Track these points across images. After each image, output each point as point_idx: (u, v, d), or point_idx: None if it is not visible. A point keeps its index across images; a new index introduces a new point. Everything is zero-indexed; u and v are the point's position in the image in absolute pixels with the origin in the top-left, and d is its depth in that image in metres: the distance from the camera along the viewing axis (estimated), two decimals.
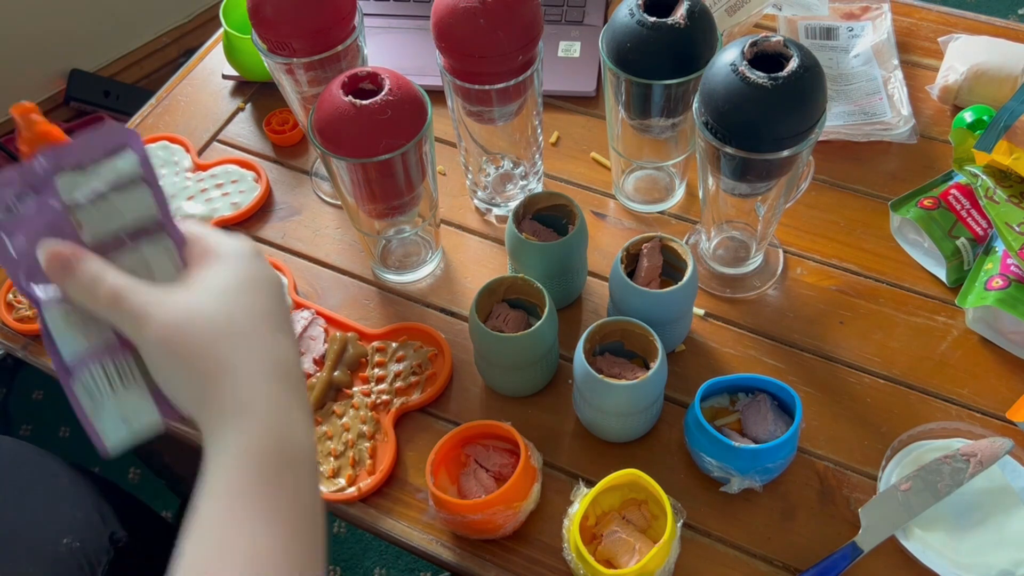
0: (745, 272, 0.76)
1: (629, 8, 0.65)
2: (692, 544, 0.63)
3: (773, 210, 0.69)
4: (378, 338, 0.74)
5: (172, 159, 0.88)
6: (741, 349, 0.72)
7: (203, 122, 0.92)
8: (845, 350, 0.71)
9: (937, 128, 0.85)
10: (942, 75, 0.86)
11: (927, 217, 0.75)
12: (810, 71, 0.58)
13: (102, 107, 1.63)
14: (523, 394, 0.71)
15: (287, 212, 0.85)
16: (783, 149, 0.60)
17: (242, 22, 0.88)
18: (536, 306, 0.68)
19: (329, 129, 0.63)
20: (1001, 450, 0.61)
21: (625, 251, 0.68)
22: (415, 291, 0.78)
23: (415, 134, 0.64)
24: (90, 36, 1.63)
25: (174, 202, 0.84)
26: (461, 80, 0.69)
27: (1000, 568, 0.59)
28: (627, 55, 0.66)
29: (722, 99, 0.59)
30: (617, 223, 0.81)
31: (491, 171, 0.82)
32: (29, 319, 0.77)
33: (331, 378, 0.71)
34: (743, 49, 0.58)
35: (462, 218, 0.83)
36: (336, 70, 0.71)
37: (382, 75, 0.64)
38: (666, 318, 0.67)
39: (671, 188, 0.82)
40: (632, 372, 0.65)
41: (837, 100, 0.86)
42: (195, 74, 0.97)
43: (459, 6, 0.64)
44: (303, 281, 0.79)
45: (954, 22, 0.93)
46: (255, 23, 0.69)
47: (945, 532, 0.61)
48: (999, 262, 0.71)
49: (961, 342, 0.71)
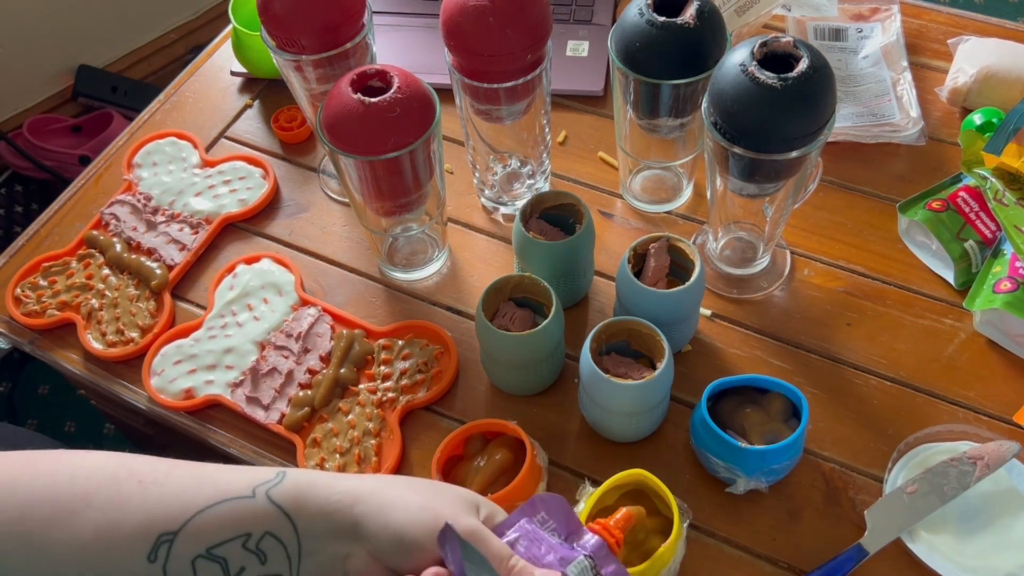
0: (752, 273, 0.76)
1: (638, 7, 0.65)
2: (698, 544, 0.63)
3: (781, 211, 0.69)
4: (384, 336, 0.74)
5: (180, 155, 0.88)
6: (748, 350, 0.72)
7: (211, 118, 0.92)
8: (852, 352, 0.71)
9: (946, 130, 0.85)
10: (951, 77, 0.85)
11: (935, 219, 0.74)
12: (819, 72, 0.57)
13: (110, 103, 1.63)
14: (529, 393, 0.71)
15: (294, 209, 0.85)
16: (792, 150, 0.60)
17: (251, 19, 0.89)
18: (543, 305, 0.68)
19: (337, 126, 0.64)
20: (1008, 453, 0.61)
21: (632, 251, 0.68)
22: (422, 289, 0.78)
23: (423, 132, 0.64)
24: (98, 32, 1.63)
25: (181, 198, 0.84)
26: (469, 78, 0.69)
27: (1006, 571, 0.59)
28: (636, 55, 0.66)
29: (731, 99, 0.58)
30: (624, 223, 0.81)
31: (498, 170, 0.82)
32: (37, 313, 0.78)
33: (337, 375, 0.72)
34: (753, 49, 0.58)
35: (469, 216, 0.83)
36: (345, 67, 0.71)
37: (391, 73, 0.64)
38: (673, 318, 0.67)
39: (679, 188, 0.82)
40: (638, 372, 0.65)
41: (846, 101, 0.85)
42: (203, 70, 0.97)
43: (468, 5, 0.64)
44: (310, 278, 0.80)
45: (963, 24, 0.93)
46: (264, 20, 0.69)
47: (951, 535, 0.60)
48: (1007, 265, 0.70)
49: (968, 345, 0.71)
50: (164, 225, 0.83)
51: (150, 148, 0.89)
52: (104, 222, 0.83)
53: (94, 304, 0.78)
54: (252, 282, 0.78)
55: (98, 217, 0.84)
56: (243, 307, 0.77)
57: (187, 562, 0.43)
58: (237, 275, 0.79)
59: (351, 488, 0.46)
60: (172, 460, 0.47)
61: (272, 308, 0.76)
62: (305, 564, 0.45)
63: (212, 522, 0.44)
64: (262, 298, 0.77)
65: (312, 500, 0.45)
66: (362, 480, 0.47)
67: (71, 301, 0.78)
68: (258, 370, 0.73)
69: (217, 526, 0.44)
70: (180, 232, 0.82)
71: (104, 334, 0.76)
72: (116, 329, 0.76)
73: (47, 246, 0.83)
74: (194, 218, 0.83)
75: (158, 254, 0.81)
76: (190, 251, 0.81)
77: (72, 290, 0.79)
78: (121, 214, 0.84)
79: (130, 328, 0.76)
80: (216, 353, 0.74)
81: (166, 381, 0.73)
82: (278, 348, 0.74)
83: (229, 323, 0.76)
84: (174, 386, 0.72)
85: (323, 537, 0.45)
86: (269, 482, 0.46)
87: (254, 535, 0.44)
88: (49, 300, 0.78)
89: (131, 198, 0.85)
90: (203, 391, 0.72)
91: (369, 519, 0.45)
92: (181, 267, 0.80)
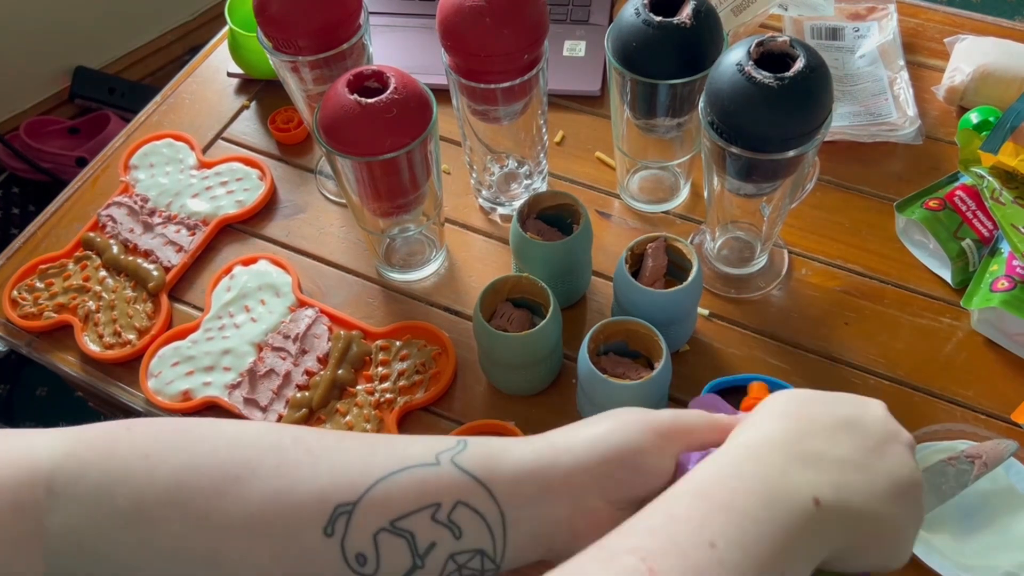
0: (750, 272, 0.76)
1: (635, 7, 0.65)
2: None
3: (778, 210, 0.69)
4: (382, 336, 0.74)
5: (177, 157, 0.88)
6: (745, 350, 0.72)
7: (208, 120, 0.92)
8: (850, 351, 0.71)
9: (943, 129, 0.85)
10: (948, 76, 0.86)
11: (932, 218, 0.74)
12: (816, 71, 0.57)
13: (107, 104, 1.63)
14: (527, 393, 0.71)
15: (291, 210, 0.85)
16: (789, 149, 0.60)
17: (247, 20, 0.88)
18: (540, 305, 0.68)
19: (334, 127, 0.63)
20: (1006, 452, 0.61)
21: (630, 251, 0.68)
22: (419, 290, 0.78)
23: (420, 133, 0.64)
24: (95, 33, 1.63)
25: (178, 200, 0.84)
26: (466, 79, 0.69)
27: (1004, 570, 0.59)
28: (633, 54, 0.66)
29: (728, 99, 0.58)
30: (622, 223, 0.81)
31: (496, 170, 0.82)
32: (34, 316, 0.77)
33: (335, 376, 0.71)
34: (749, 49, 0.58)
35: (466, 217, 0.83)
36: (341, 68, 0.71)
37: (387, 73, 0.64)
38: (670, 318, 0.67)
39: (676, 188, 0.82)
40: (636, 372, 0.64)
41: (843, 101, 0.85)
42: (200, 72, 0.97)
43: (465, 5, 0.64)
44: (307, 279, 0.79)
45: (960, 23, 0.93)
46: (261, 21, 0.69)
47: (949, 534, 0.60)
48: (1004, 264, 0.70)
49: (966, 344, 0.71)
50: (161, 227, 0.83)
51: (147, 149, 0.89)
52: (101, 224, 0.83)
53: (91, 306, 0.78)
54: (249, 283, 0.78)
55: (95, 219, 0.84)
56: (240, 309, 0.76)
57: (368, 536, 0.39)
58: (234, 276, 0.79)
59: (553, 440, 0.42)
60: (336, 431, 0.44)
61: (269, 309, 0.76)
62: (512, 536, 0.41)
63: (395, 492, 0.40)
64: (259, 299, 0.77)
65: (505, 459, 0.41)
66: (553, 434, 0.43)
67: (68, 303, 0.78)
68: (256, 372, 0.72)
69: (401, 496, 0.40)
70: (177, 234, 0.82)
71: (101, 336, 0.76)
72: (113, 331, 0.76)
73: (44, 248, 0.83)
74: (191, 220, 0.83)
75: (155, 256, 0.81)
76: (187, 253, 0.81)
77: (69, 292, 0.79)
78: (118, 216, 0.83)
79: (127, 330, 0.76)
80: (213, 355, 0.74)
81: (163, 383, 0.73)
82: (275, 349, 0.74)
83: (226, 325, 0.76)
84: (171, 388, 0.72)
85: (530, 503, 0.41)
86: (452, 448, 0.41)
87: (444, 505, 0.40)
88: (46, 302, 0.78)
89: (128, 200, 0.84)
90: (200, 393, 0.72)
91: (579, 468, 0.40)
92: (178, 269, 0.80)
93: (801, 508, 0.38)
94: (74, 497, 0.40)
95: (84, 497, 0.40)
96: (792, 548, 0.37)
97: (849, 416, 0.43)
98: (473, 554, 0.41)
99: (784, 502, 0.37)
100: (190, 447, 0.41)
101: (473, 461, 0.41)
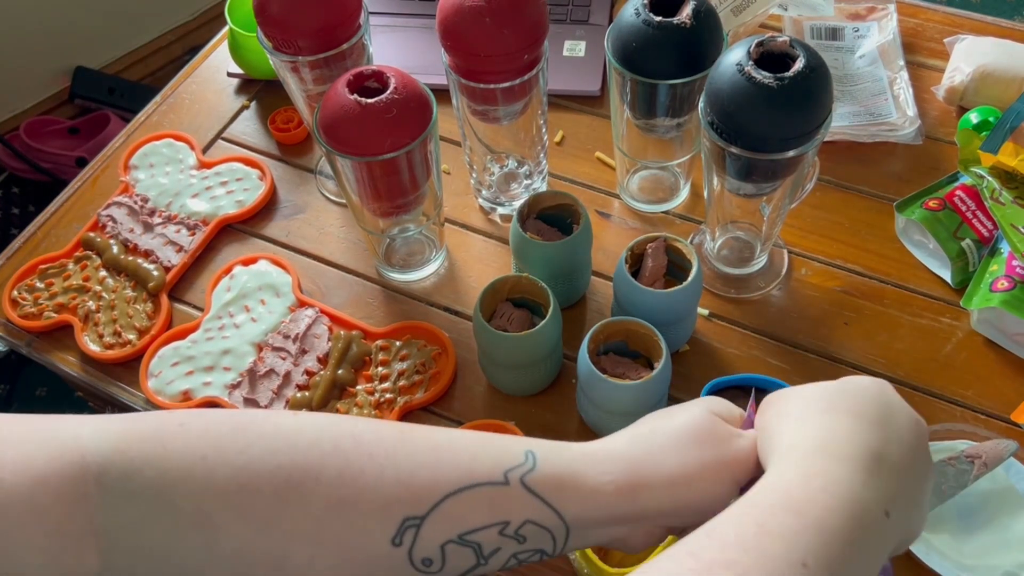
0: (750, 272, 0.76)
1: (635, 7, 0.65)
2: None
3: (778, 210, 0.69)
4: (382, 337, 0.74)
5: (177, 157, 0.88)
6: (745, 349, 0.72)
7: (208, 120, 0.92)
8: (849, 351, 0.71)
9: (943, 129, 0.85)
10: (948, 76, 0.86)
11: (932, 218, 0.75)
12: (816, 71, 0.57)
13: (106, 104, 1.63)
14: (527, 393, 0.71)
15: (291, 210, 0.85)
16: (789, 149, 0.60)
17: (247, 20, 0.88)
18: (540, 305, 0.68)
19: (334, 127, 0.63)
20: (1006, 452, 0.61)
21: (629, 251, 0.68)
22: (419, 290, 0.78)
23: (420, 133, 0.64)
24: (95, 33, 1.63)
25: (178, 200, 0.84)
26: (466, 79, 0.69)
27: (1004, 570, 0.59)
28: (633, 55, 0.66)
29: (728, 99, 0.58)
30: (621, 223, 0.81)
31: (496, 170, 0.82)
32: (34, 316, 0.77)
33: (335, 377, 0.72)
34: (749, 49, 0.58)
35: (466, 217, 0.83)
36: (341, 68, 0.71)
37: (387, 73, 0.64)
38: (670, 318, 0.67)
39: (676, 188, 0.82)
40: (636, 372, 0.64)
41: (842, 101, 0.85)
42: (200, 72, 0.97)
43: (465, 5, 0.64)
44: (307, 279, 0.79)
45: (960, 23, 0.93)
46: (261, 21, 0.69)
47: (949, 534, 0.60)
48: (1004, 264, 0.70)
49: (966, 344, 0.71)
50: (161, 227, 0.83)
51: (147, 150, 0.89)
52: (101, 224, 0.83)
53: (91, 306, 0.78)
54: (249, 283, 0.78)
55: (95, 219, 0.84)
56: (240, 309, 0.76)
57: (435, 546, 0.41)
58: (234, 276, 0.79)
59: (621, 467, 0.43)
60: (390, 424, 0.43)
61: (269, 309, 0.76)
62: (573, 544, 0.43)
63: (464, 508, 0.41)
64: (259, 299, 0.77)
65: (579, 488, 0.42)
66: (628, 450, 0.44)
67: (68, 303, 0.78)
68: (255, 371, 0.72)
69: (470, 512, 0.41)
70: (177, 234, 0.82)
71: (101, 336, 0.76)
72: (113, 331, 0.76)
73: (44, 248, 0.83)
74: (191, 219, 0.83)
75: (155, 256, 0.81)
76: (187, 253, 0.81)
77: (69, 292, 0.79)
78: (118, 216, 0.83)
79: (127, 330, 0.76)
80: (213, 355, 0.74)
81: (163, 383, 0.73)
82: (275, 349, 0.74)
83: (226, 325, 0.76)
84: (172, 388, 0.72)
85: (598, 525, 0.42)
86: (520, 466, 0.42)
87: (512, 523, 0.41)
88: (46, 302, 0.78)
89: (128, 200, 0.84)
90: (200, 393, 0.72)
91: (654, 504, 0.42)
92: (178, 269, 0.80)
93: (877, 523, 0.39)
94: (129, 495, 0.39)
95: (140, 496, 0.39)
96: (870, 563, 0.38)
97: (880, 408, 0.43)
98: (534, 552, 0.43)
99: (865, 518, 0.38)
100: (247, 449, 0.41)
101: (544, 485, 0.42)
